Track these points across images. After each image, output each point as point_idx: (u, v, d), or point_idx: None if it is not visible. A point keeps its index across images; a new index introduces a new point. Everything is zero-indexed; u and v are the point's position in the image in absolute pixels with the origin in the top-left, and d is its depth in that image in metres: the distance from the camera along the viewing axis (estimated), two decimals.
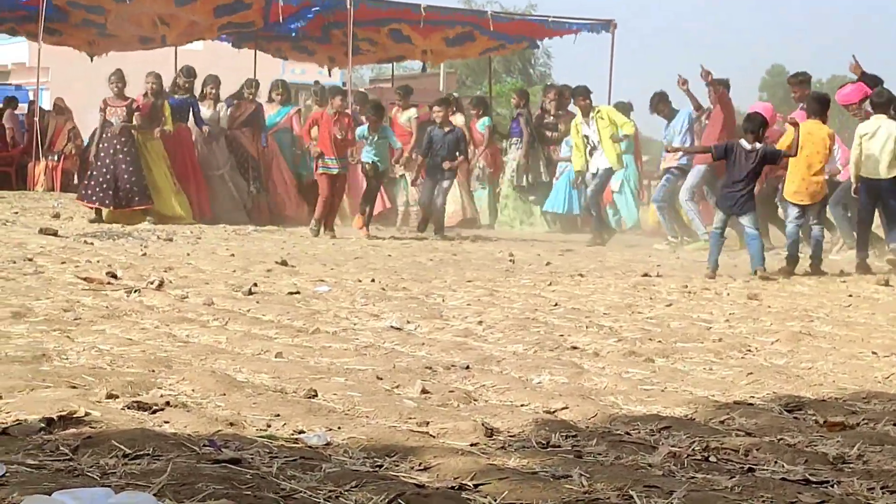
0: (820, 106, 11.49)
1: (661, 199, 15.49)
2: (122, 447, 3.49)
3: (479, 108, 19.01)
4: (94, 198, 15.18)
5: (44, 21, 17.80)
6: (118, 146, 15.14)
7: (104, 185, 15.08)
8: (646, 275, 10.49)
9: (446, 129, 15.38)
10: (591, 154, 15.52)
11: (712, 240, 11.19)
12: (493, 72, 29.13)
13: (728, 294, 9.20)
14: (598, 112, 15.62)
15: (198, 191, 16.14)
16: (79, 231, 13.51)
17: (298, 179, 17.27)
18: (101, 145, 15.30)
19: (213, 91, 16.60)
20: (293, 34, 20.80)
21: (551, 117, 18.55)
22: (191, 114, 16.13)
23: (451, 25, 21.08)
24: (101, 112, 15.43)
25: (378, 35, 21.04)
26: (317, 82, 19.67)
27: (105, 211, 15.26)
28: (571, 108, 17.50)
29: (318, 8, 19.21)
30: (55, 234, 12.79)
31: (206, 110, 16.38)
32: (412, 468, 3.57)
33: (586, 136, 15.50)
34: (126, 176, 15.09)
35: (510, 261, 11.85)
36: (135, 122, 15.24)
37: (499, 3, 48.79)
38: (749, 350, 6.36)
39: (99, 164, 15.21)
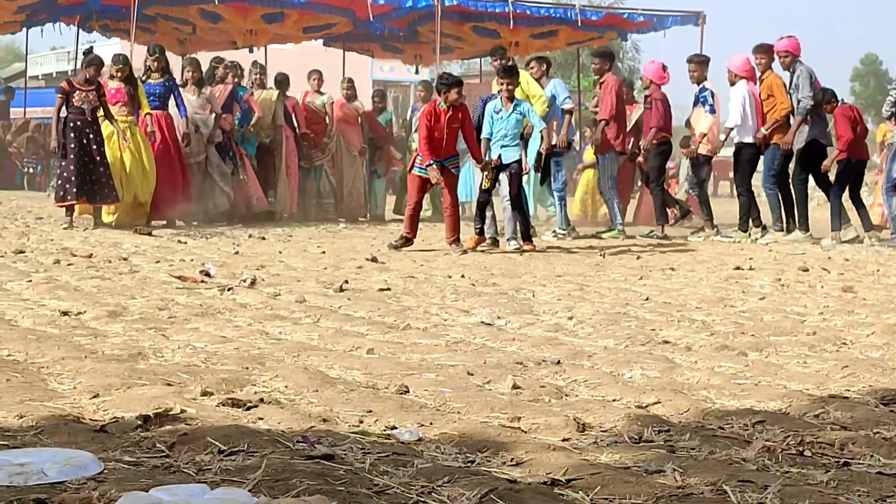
0: None
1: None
2: (217, 444, 3.53)
3: (379, 102, 18.57)
4: (67, 196, 13.67)
5: (136, 21, 17.99)
6: (91, 135, 13.72)
7: (73, 180, 13.53)
8: (738, 268, 10.38)
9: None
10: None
11: None
12: (581, 65, 28.93)
13: (822, 287, 9.08)
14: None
15: (183, 179, 14.96)
16: (172, 231, 13.70)
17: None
18: (71, 135, 13.62)
19: (194, 75, 15.45)
20: (379, 32, 20.92)
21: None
22: (172, 98, 14.81)
23: (541, 24, 20.99)
24: (61, 97, 13.70)
25: (462, 30, 21.03)
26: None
27: (77, 209, 13.98)
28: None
29: (409, 5, 19.23)
30: (149, 234, 13.00)
31: (191, 96, 15.20)
32: (504, 463, 3.57)
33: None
34: (102, 168, 13.71)
35: (600, 255, 11.80)
36: (114, 109, 13.96)
37: None
38: (844, 343, 6.26)
39: (72, 156, 13.56)
